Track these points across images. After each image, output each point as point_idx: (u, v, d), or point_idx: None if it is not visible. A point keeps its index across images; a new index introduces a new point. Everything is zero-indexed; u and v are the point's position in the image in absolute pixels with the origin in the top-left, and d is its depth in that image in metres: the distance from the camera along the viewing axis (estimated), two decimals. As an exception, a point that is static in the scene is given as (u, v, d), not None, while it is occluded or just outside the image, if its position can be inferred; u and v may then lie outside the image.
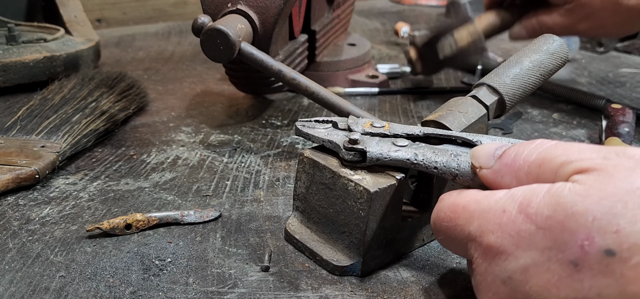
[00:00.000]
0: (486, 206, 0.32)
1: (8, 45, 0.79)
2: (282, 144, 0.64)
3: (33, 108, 0.64)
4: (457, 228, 0.34)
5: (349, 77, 0.81)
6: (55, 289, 0.39)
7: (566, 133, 0.67)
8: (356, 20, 1.26)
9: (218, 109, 0.74)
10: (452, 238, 0.34)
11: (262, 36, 0.62)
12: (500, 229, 0.30)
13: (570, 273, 0.27)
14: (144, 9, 1.28)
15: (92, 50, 0.84)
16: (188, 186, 0.54)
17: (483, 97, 0.48)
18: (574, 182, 0.29)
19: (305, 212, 0.45)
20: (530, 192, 0.30)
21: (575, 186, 0.28)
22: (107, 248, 0.44)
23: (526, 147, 0.33)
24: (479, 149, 0.36)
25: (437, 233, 0.36)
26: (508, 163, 0.33)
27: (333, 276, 0.41)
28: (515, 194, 0.31)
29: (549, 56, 0.51)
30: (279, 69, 0.59)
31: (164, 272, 0.41)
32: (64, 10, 0.91)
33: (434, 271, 0.42)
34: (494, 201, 0.32)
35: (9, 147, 0.56)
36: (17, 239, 0.45)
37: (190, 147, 0.63)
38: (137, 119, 0.70)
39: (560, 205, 0.28)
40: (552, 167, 0.31)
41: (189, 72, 0.89)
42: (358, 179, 0.40)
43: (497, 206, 0.31)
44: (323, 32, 0.79)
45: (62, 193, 0.52)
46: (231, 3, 0.62)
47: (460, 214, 0.33)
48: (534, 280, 0.29)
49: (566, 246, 0.28)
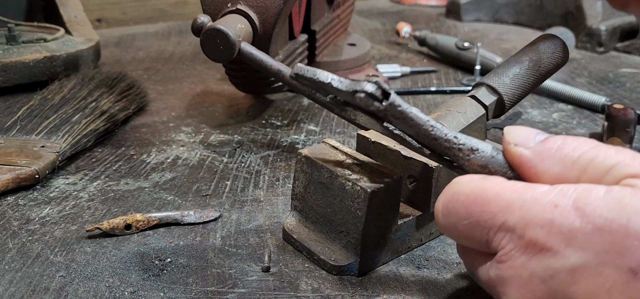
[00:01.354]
0: (530, 197, 0.30)
1: (8, 45, 0.79)
2: (282, 144, 0.64)
3: (33, 108, 0.64)
4: (485, 215, 0.31)
5: (349, 77, 0.81)
6: (55, 289, 0.39)
7: (566, 133, 0.67)
8: (356, 20, 1.26)
9: (218, 109, 0.74)
10: (473, 224, 0.32)
11: (262, 36, 0.62)
12: (550, 225, 0.29)
13: (627, 280, 0.26)
14: (144, 9, 1.28)
15: (92, 50, 0.84)
16: (188, 186, 0.54)
17: (482, 97, 0.48)
18: (634, 187, 0.28)
19: (303, 211, 0.45)
20: (586, 191, 0.28)
21: (638, 191, 0.27)
22: (107, 248, 0.44)
23: (574, 139, 0.32)
24: (515, 128, 0.34)
25: (448, 215, 0.33)
26: (553, 149, 0.32)
27: (333, 276, 0.41)
28: (567, 191, 0.29)
29: (549, 56, 0.51)
30: (279, 69, 0.59)
31: (164, 272, 0.41)
32: (64, 10, 0.91)
33: (434, 271, 0.42)
34: (541, 194, 0.29)
35: (9, 147, 0.56)
36: (17, 239, 0.45)
37: (190, 147, 0.63)
38: (137, 119, 0.70)
39: (624, 209, 0.27)
40: (603, 167, 0.30)
41: (189, 72, 0.89)
42: (355, 178, 0.40)
43: (546, 199, 0.29)
44: (323, 32, 0.79)
45: (62, 193, 0.52)
46: (231, 3, 0.62)
47: (491, 201, 0.31)
48: (582, 282, 0.28)
49: (626, 251, 0.26)
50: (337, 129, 0.68)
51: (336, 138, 0.66)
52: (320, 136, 0.66)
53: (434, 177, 0.43)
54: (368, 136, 0.47)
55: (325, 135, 0.67)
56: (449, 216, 0.33)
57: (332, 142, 0.46)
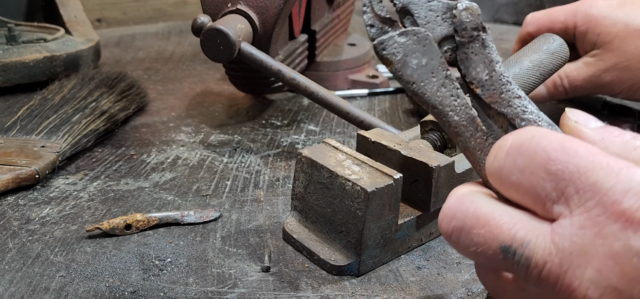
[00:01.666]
0: (626, 167, 0.27)
1: (8, 45, 0.79)
2: (282, 144, 0.64)
3: (33, 108, 0.64)
4: (571, 167, 0.27)
5: (349, 77, 0.81)
6: (55, 289, 0.39)
7: (566, 133, 0.67)
8: (356, 20, 1.26)
9: (218, 109, 0.74)
10: (551, 175, 0.28)
11: (262, 36, 0.62)
12: None
13: None
14: (144, 9, 1.28)
15: (92, 50, 0.84)
16: (188, 186, 0.54)
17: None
18: None
19: (303, 211, 0.45)
20: None
21: None
22: (107, 248, 0.44)
23: (627, 131, 0.31)
24: (576, 110, 0.32)
25: (519, 156, 0.29)
26: (615, 133, 0.30)
27: (333, 276, 0.41)
28: None
29: (549, 56, 0.51)
30: (279, 69, 0.59)
31: (164, 272, 0.41)
32: (64, 10, 0.91)
33: (434, 271, 0.42)
34: (632, 165, 0.27)
35: (9, 147, 0.56)
36: (17, 239, 0.45)
37: (190, 147, 0.63)
38: (137, 119, 0.70)
39: None
40: None
41: (189, 72, 0.89)
42: (355, 179, 0.40)
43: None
44: (323, 32, 0.79)
45: (62, 193, 0.52)
46: (231, 3, 0.62)
47: (583, 157, 0.27)
48: None
49: None
50: (337, 129, 0.68)
51: (336, 138, 0.66)
52: (320, 136, 0.66)
53: (434, 178, 0.43)
54: (368, 136, 0.47)
55: (325, 135, 0.67)
56: (518, 157, 0.29)
57: (332, 142, 0.46)
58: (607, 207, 0.26)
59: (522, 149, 0.29)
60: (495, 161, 0.30)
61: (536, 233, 0.28)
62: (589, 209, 0.27)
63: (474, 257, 0.31)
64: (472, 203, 0.30)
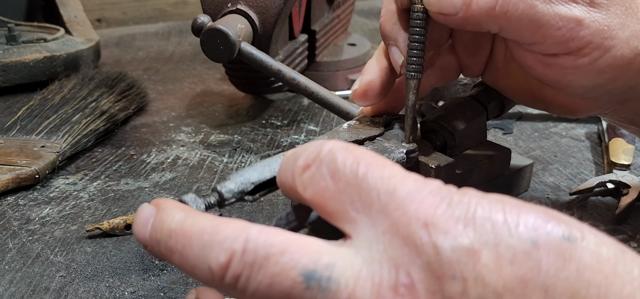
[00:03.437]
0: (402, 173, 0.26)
1: (8, 45, 0.79)
2: (282, 144, 0.64)
3: (33, 108, 0.64)
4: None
5: (349, 77, 0.81)
6: (55, 289, 0.39)
7: (566, 133, 0.67)
8: (356, 20, 1.26)
9: (218, 109, 0.74)
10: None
11: (262, 36, 0.62)
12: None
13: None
14: (144, 9, 1.28)
15: (92, 50, 0.84)
16: (188, 186, 0.54)
17: (482, 97, 0.48)
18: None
19: (304, 212, 0.45)
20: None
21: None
22: (107, 248, 0.44)
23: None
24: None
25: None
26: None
27: (332, 276, 0.41)
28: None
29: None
30: (279, 69, 0.59)
31: (164, 272, 0.41)
32: (64, 10, 0.91)
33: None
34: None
35: (9, 147, 0.56)
36: (17, 239, 0.45)
37: (190, 147, 0.63)
38: (137, 119, 0.70)
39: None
40: None
41: (189, 72, 0.89)
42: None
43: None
44: (323, 32, 0.79)
45: (62, 193, 0.52)
46: (231, 3, 0.62)
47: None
48: None
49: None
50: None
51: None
52: (320, 136, 0.66)
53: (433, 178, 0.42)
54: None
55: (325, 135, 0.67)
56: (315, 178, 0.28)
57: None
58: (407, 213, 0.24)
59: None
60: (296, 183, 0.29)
61: (340, 253, 0.26)
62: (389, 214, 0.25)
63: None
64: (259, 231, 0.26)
